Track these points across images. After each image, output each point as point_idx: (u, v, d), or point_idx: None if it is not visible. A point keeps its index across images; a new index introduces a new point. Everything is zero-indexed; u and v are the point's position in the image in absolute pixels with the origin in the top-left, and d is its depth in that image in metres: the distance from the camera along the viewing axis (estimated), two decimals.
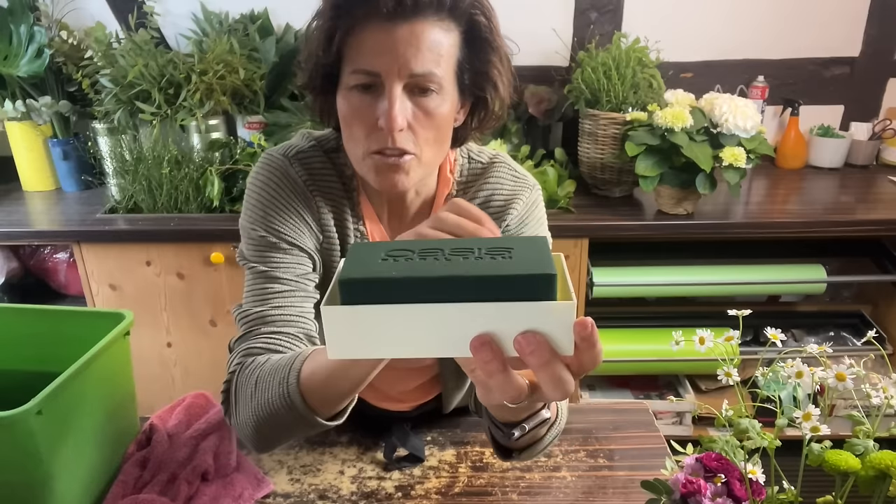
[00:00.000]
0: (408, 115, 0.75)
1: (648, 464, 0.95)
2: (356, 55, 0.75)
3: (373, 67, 0.74)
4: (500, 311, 0.46)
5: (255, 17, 2.09)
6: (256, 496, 0.89)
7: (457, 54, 0.77)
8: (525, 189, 0.92)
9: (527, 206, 0.92)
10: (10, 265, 2.00)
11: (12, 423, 0.69)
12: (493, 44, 0.79)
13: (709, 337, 0.65)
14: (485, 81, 0.81)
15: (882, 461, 0.56)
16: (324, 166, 0.88)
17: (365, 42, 0.74)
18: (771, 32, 2.16)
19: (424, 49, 0.73)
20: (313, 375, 0.71)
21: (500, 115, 0.86)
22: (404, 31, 0.72)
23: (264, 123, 1.98)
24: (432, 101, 0.76)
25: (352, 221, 0.89)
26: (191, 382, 1.94)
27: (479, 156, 0.94)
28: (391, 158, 0.77)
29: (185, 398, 0.99)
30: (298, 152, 0.88)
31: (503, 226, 0.91)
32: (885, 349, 1.99)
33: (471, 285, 0.45)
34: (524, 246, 0.50)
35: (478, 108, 0.85)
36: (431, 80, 0.74)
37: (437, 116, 0.77)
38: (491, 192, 0.91)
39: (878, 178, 2.14)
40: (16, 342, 0.92)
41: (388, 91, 0.74)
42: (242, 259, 0.88)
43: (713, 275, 1.89)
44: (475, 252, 0.49)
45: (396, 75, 0.73)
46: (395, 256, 0.49)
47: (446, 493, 0.90)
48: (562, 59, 2.15)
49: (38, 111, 1.99)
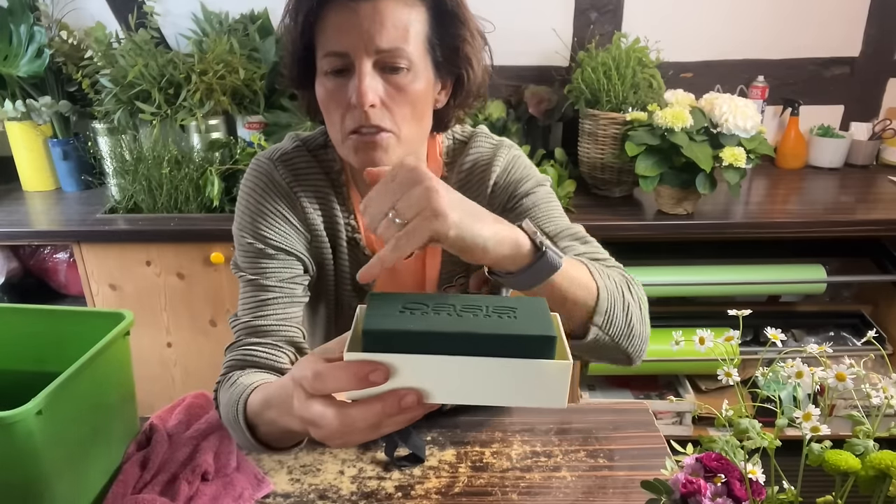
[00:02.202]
0: (380, 92, 0.77)
1: (648, 464, 0.95)
2: (324, 39, 0.77)
3: (340, 48, 0.76)
4: (505, 366, 0.52)
5: (255, 17, 2.09)
6: (256, 496, 0.89)
7: (425, 30, 0.79)
8: (501, 148, 0.94)
9: (507, 161, 0.93)
10: (10, 265, 2.00)
11: (12, 423, 0.69)
12: (461, 17, 0.80)
13: (709, 337, 0.65)
14: (457, 57, 0.82)
15: (882, 461, 0.56)
16: (308, 165, 0.90)
17: (330, 24, 0.76)
18: (771, 32, 2.16)
19: (389, 25, 0.75)
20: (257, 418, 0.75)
21: (479, 92, 0.87)
22: (367, 9, 0.74)
23: (264, 123, 1.98)
24: (404, 77, 0.78)
25: (342, 216, 0.90)
26: (191, 382, 1.94)
27: (461, 134, 0.96)
28: (367, 136, 0.78)
29: (185, 398, 0.99)
30: (282, 154, 0.90)
31: (490, 184, 0.92)
32: (885, 349, 1.99)
33: (481, 341, 0.52)
34: (526, 306, 0.56)
35: (457, 87, 0.86)
36: (400, 55, 0.76)
37: (410, 92, 0.78)
38: (473, 160, 0.93)
39: (878, 178, 2.14)
40: (16, 342, 0.92)
41: (357, 69, 0.76)
42: (235, 268, 0.91)
43: (713, 275, 1.89)
44: (483, 310, 0.55)
45: (364, 52, 0.75)
46: (411, 309, 0.54)
47: (446, 493, 0.90)
48: (562, 59, 2.15)
49: (38, 111, 1.99)
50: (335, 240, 0.91)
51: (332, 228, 0.91)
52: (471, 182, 0.93)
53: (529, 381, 0.53)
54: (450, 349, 0.52)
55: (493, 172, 0.92)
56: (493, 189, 0.92)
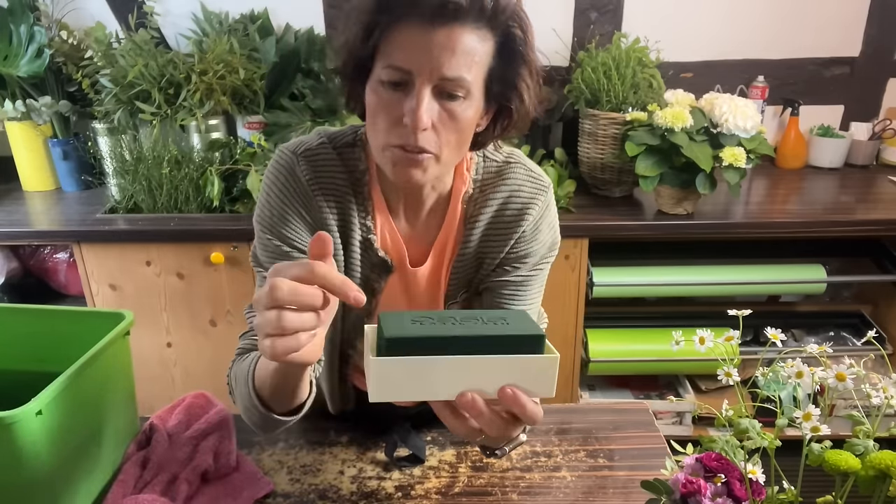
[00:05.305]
0: (433, 115, 0.77)
1: (648, 464, 0.95)
2: (391, 51, 0.76)
3: (406, 65, 0.75)
4: (505, 362, 0.64)
5: (255, 17, 2.09)
6: (256, 496, 0.89)
7: (489, 62, 0.79)
8: (541, 192, 0.93)
9: (542, 210, 0.94)
10: (10, 265, 2.00)
11: (12, 423, 0.69)
12: (525, 57, 0.81)
13: (709, 337, 0.65)
14: (511, 92, 0.82)
15: (882, 461, 0.56)
16: (331, 163, 0.89)
17: (402, 40, 0.75)
18: (771, 32, 2.16)
19: (459, 54, 0.74)
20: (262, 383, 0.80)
21: (522, 126, 0.88)
22: (442, 35, 0.73)
23: (264, 123, 1.98)
24: (458, 105, 0.77)
25: (358, 217, 0.90)
26: (191, 382, 1.94)
27: (494, 154, 0.95)
28: (410, 154, 0.79)
29: (185, 398, 0.99)
30: (307, 150, 0.89)
31: (519, 231, 0.92)
32: (885, 349, 1.99)
33: (486, 342, 0.63)
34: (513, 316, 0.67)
35: (501, 116, 0.86)
36: (461, 84, 0.76)
37: (461, 121, 0.78)
38: (508, 193, 0.92)
39: (878, 178, 2.14)
40: (16, 342, 0.92)
41: (417, 90, 0.75)
42: (255, 261, 0.93)
43: (713, 275, 1.89)
44: (481, 319, 0.66)
45: (428, 76, 0.75)
46: (420, 321, 0.65)
47: (446, 493, 0.90)
48: (562, 59, 2.15)
49: (38, 111, 1.99)
50: (348, 239, 0.91)
51: (345, 228, 0.91)
52: (502, 219, 0.92)
53: (524, 373, 0.65)
54: (459, 350, 0.63)
55: (525, 219, 0.92)
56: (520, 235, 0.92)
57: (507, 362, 0.64)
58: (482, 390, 0.65)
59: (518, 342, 0.64)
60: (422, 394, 0.65)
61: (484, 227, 0.92)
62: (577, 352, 1.93)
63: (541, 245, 0.94)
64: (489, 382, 0.65)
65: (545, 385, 0.65)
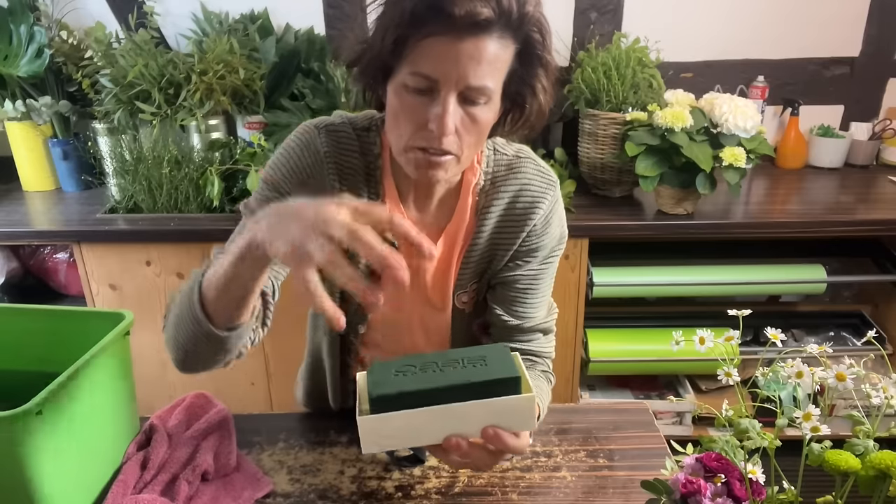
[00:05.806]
0: (457, 121, 0.78)
1: (648, 464, 0.95)
2: (418, 58, 0.76)
3: (433, 74, 0.76)
4: (484, 406, 0.70)
5: (255, 17, 2.09)
6: (256, 496, 0.89)
7: (509, 68, 0.80)
8: (550, 187, 0.96)
9: (552, 204, 0.96)
10: (10, 265, 2.00)
11: (12, 423, 0.69)
12: (542, 59, 0.82)
13: (709, 337, 0.65)
14: (527, 92, 0.84)
15: (882, 461, 0.56)
16: (350, 141, 0.91)
17: (430, 49, 0.75)
18: (771, 32, 2.16)
19: (484, 63, 0.76)
20: (209, 284, 0.76)
21: (537, 123, 0.89)
22: (469, 46, 0.74)
23: (264, 123, 1.98)
24: (480, 110, 0.79)
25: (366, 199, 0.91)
26: (191, 382, 1.94)
27: (504, 148, 0.97)
28: (433, 157, 0.80)
29: (185, 398, 0.99)
30: (329, 125, 0.91)
31: (531, 224, 0.94)
32: (885, 349, 1.99)
33: (464, 389, 0.69)
34: (492, 354, 0.73)
35: (513, 112, 0.87)
36: (484, 91, 0.77)
37: (482, 122, 0.80)
38: (519, 188, 0.94)
39: (878, 178, 2.14)
40: (16, 342, 0.92)
41: (443, 98, 0.76)
42: (245, 209, 0.91)
43: (713, 275, 1.89)
44: (460, 363, 0.72)
45: (454, 85, 0.76)
46: (403, 372, 0.71)
47: (446, 493, 0.90)
48: (562, 59, 2.15)
49: (38, 111, 1.99)
50: None
51: None
52: (514, 212, 0.94)
53: (504, 414, 0.70)
54: (441, 399, 0.69)
55: (535, 214, 0.94)
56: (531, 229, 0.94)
57: (486, 406, 0.70)
58: (466, 433, 0.71)
59: (496, 385, 0.69)
60: (410, 442, 0.73)
61: (496, 218, 0.94)
62: (577, 352, 1.93)
63: (551, 238, 0.96)
64: (471, 425, 0.71)
65: (524, 421, 0.71)
